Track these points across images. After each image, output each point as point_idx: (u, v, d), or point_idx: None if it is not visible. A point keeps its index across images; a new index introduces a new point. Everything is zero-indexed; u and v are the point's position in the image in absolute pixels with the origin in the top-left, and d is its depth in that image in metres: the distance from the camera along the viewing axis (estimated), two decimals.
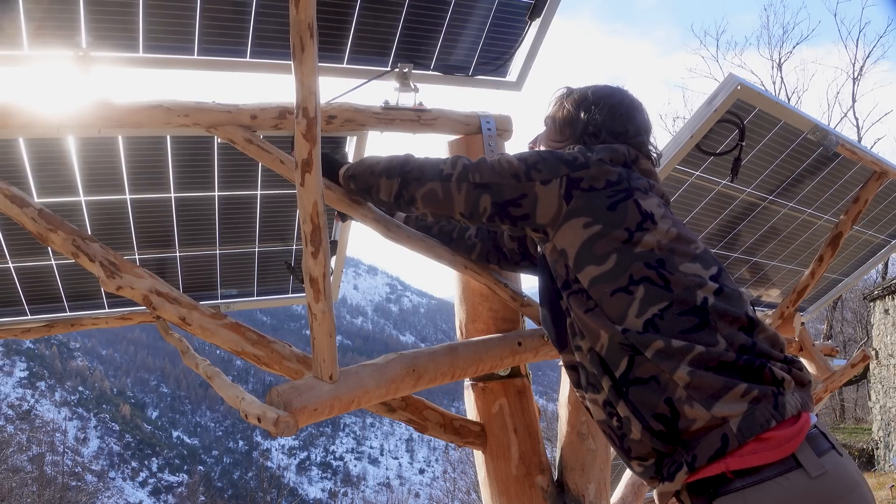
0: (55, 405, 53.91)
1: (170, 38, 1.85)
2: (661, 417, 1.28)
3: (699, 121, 2.11)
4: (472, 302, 2.21)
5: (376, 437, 69.25)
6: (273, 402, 1.42)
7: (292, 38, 1.27)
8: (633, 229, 1.38)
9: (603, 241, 1.38)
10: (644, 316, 1.32)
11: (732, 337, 1.31)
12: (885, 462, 14.82)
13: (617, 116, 1.60)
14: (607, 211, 1.40)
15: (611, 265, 1.36)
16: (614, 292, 1.35)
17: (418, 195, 1.59)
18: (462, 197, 1.52)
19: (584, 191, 1.42)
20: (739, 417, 1.22)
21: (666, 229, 1.39)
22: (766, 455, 1.20)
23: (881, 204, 3.00)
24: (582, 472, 2.25)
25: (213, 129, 1.82)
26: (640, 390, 1.31)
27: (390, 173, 1.63)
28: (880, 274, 21.07)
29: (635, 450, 1.35)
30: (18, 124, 1.69)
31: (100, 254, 1.69)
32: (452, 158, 1.58)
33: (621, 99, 1.63)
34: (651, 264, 1.35)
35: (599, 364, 1.38)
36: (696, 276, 1.36)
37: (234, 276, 2.43)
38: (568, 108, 1.65)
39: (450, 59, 2.19)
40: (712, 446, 1.22)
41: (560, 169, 1.45)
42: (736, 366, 1.27)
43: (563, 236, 1.43)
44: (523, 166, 1.47)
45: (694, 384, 1.26)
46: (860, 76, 23.25)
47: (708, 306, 1.32)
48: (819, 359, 3.42)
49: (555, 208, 1.43)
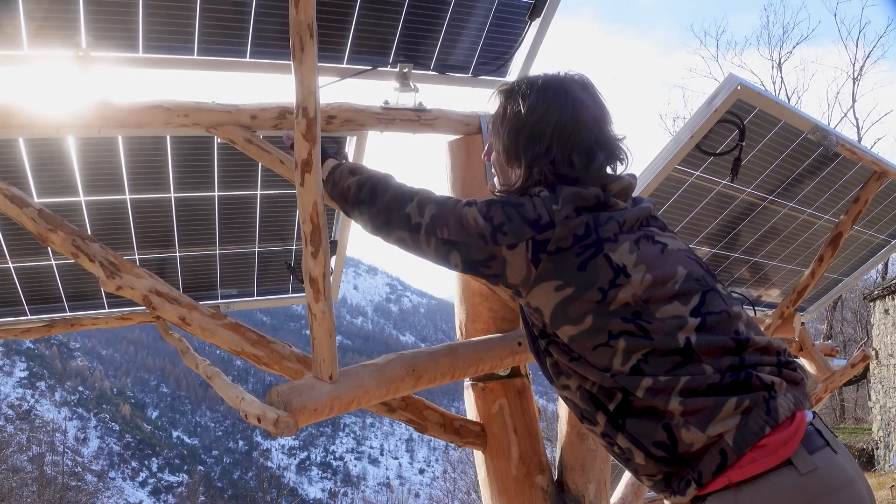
0: (55, 405, 53.89)
1: (170, 38, 1.85)
2: (661, 445, 1.29)
3: (699, 121, 2.11)
4: (472, 302, 2.21)
5: (376, 437, 69.23)
6: (273, 402, 1.42)
7: (292, 38, 1.27)
8: (606, 288, 1.33)
9: (577, 304, 1.34)
10: (629, 363, 1.31)
11: (718, 363, 1.29)
12: (885, 462, 14.82)
13: (562, 144, 1.42)
14: (577, 272, 1.34)
15: (587, 325, 1.33)
16: (596, 347, 1.33)
17: (391, 239, 1.54)
18: (432, 250, 1.47)
19: (552, 253, 1.35)
20: (734, 431, 1.23)
21: (640, 280, 1.33)
22: (766, 462, 1.21)
23: (881, 204, 3.00)
24: (582, 472, 2.25)
25: (213, 129, 1.82)
26: (638, 422, 1.31)
27: (361, 210, 1.56)
28: (880, 274, 21.07)
29: (642, 471, 1.36)
30: (18, 124, 1.69)
31: (100, 254, 1.69)
32: (420, 199, 1.48)
33: (562, 109, 1.43)
34: (628, 318, 1.31)
35: (591, 401, 1.38)
36: (676, 317, 1.32)
37: (234, 276, 2.43)
38: (506, 142, 1.49)
39: (450, 59, 2.19)
40: (713, 462, 1.24)
41: (525, 232, 1.36)
42: (721, 385, 1.27)
43: (536, 297, 1.39)
44: (489, 228, 1.39)
45: (688, 410, 1.26)
46: (860, 76, 23.26)
47: (692, 346, 1.30)
48: (819, 359, 3.42)
49: (524, 272, 1.38)
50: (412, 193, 1.51)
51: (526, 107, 1.46)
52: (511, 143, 1.48)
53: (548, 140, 1.43)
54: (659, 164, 2.18)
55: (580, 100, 1.46)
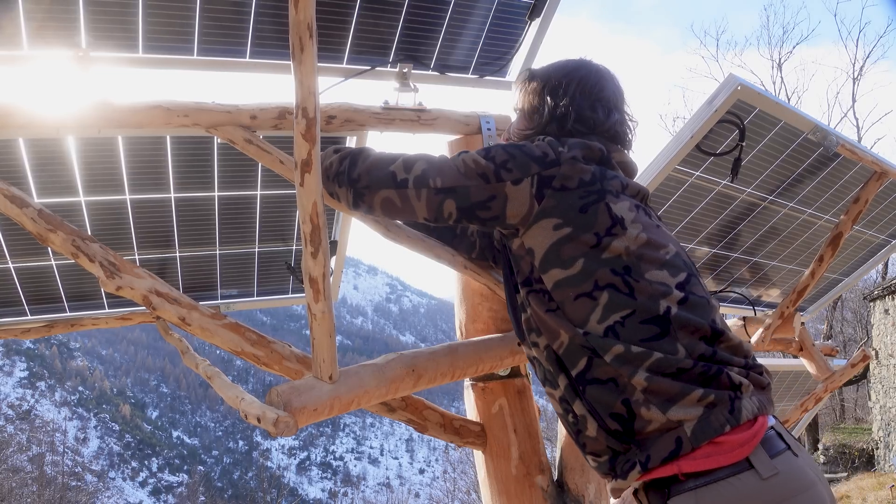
0: (55, 405, 53.93)
1: (169, 38, 1.85)
2: (618, 417, 1.29)
3: (699, 121, 2.11)
4: (472, 302, 2.21)
5: (376, 437, 69.28)
6: (273, 402, 1.42)
7: (292, 38, 1.27)
8: (602, 234, 1.34)
9: (571, 245, 1.34)
10: (606, 322, 1.31)
11: (692, 346, 1.30)
12: (885, 462, 14.82)
13: (585, 94, 1.51)
14: (578, 213, 1.35)
15: (577, 270, 1.33)
16: (578, 296, 1.33)
17: (375, 204, 1.51)
18: (423, 203, 1.45)
19: (557, 190, 1.37)
20: (694, 421, 1.23)
21: (636, 235, 1.35)
22: (719, 459, 1.21)
23: (881, 204, 3.00)
24: (582, 472, 2.25)
25: (213, 130, 1.82)
26: (598, 390, 1.31)
27: (340, 181, 1.55)
28: (880, 274, 21.07)
29: (590, 446, 1.35)
30: (18, 124, 1.69)
31: (100, 254, 1.69)
32: (406, 159, 1.49)
33: (587, 72, 1.54)
34: (617, 271, 1.32)
35: (556, 362, 1.37)
36: (662, 283, 1.33)
37: (234, 276, 2.44)
38: (531, 93, 1.56)
39: (450, 59, 2.19)
40: (666, 448, 1.24)
41: (531, 167, 1.39)
42: (692, 373, 1.27)
43: (533, 236, 1.39)
44: (492, 166, 1.40)
45: (651, 389, 1.26)
46: (860, 76, 23.26)
47: (671, 316, 1.30)
48: (819, 359, 3.42)
49: (526, 208, 1.39)
50: (394, 156, 1.52)
51: (552, 67, 1.58)
52: (535, 95, 1.55)
53: (573, 88, 1.52)
54: (659, 164, 2.17)
55: (603, 70, 1.57)
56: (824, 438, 18.17)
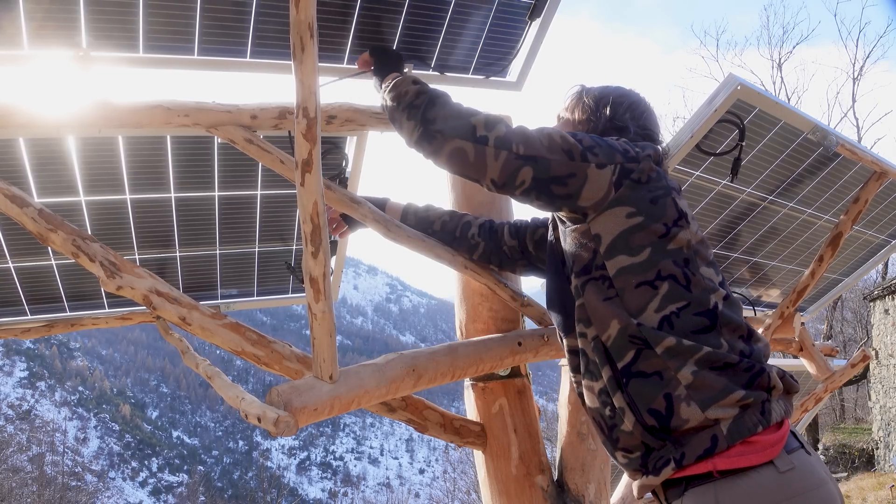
0: (55, 405, 53.94)
1: (170, 38, 1.85)
2: (656, 413, 1.32)
3: (699, 121, 2.11)
4: (472, 302, 2.21)
5: (376, 437, 69.29)
6: (273, 402, 1.42)
7: (292, 38, 1.27)
8: (670, 225, 1.41)
9: (641, 234, 1.40)
10: (662, 312, 1.35)
11: (734, 343, 1.36)
12: (885, 462, 14.81)
13: (639, 114, 1.63)
14: (650, 204, 1.42)
15: (643, 258, 1.39)
16: (639, 284, 1.38)
17: (443, 151, 1.48)
18: (499, 165, 1.43)
19: (635, 182, 1.44)
20: (730, 420, 1.28)
21: (696, 230, 1.44)
22: (752, 458, 1.25)
23: (881, 204, 3.00)
24: (582, 472, 2.25)
25: (213, 129, 1.82)
26: (641, 383, 1.34)
27: (412, 114, 1.53)
28: (880, 274, 21.07)
29: (623, 441, 1.38)
30: (18, 124, 1.69)
31: (100, 254, 1.69)
32: (487, 116, 1.48)
33: (638, 98, 1.66)
34: (678, 263, 1.39)
35: (603, 353, 1.40)
36: (711, 280, 1.41)
37: (234, 276, 2.44)
38: (588, 104, 1.64)
39: (450, 60, 2.19)
40: (702, 445, 1.27)
41: (616, 157, 1.45)
42: (738, 368, 1.32)
43: (603, 222, 1.43)
44: (579, 147, 1.44)
45: (695, 384, 1.30)
46: (860, 76, 23.26)
47: (718, 311, 1.37)
48: (819, 359, 3.42)
49: (602, 193, 1.42)
50: (473, 110, 1.51)
51: (605, 86, 1.68)
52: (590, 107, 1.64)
53: (626, 106, 1.63)
54: None
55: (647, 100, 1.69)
56: (824, 438, 18.18)
